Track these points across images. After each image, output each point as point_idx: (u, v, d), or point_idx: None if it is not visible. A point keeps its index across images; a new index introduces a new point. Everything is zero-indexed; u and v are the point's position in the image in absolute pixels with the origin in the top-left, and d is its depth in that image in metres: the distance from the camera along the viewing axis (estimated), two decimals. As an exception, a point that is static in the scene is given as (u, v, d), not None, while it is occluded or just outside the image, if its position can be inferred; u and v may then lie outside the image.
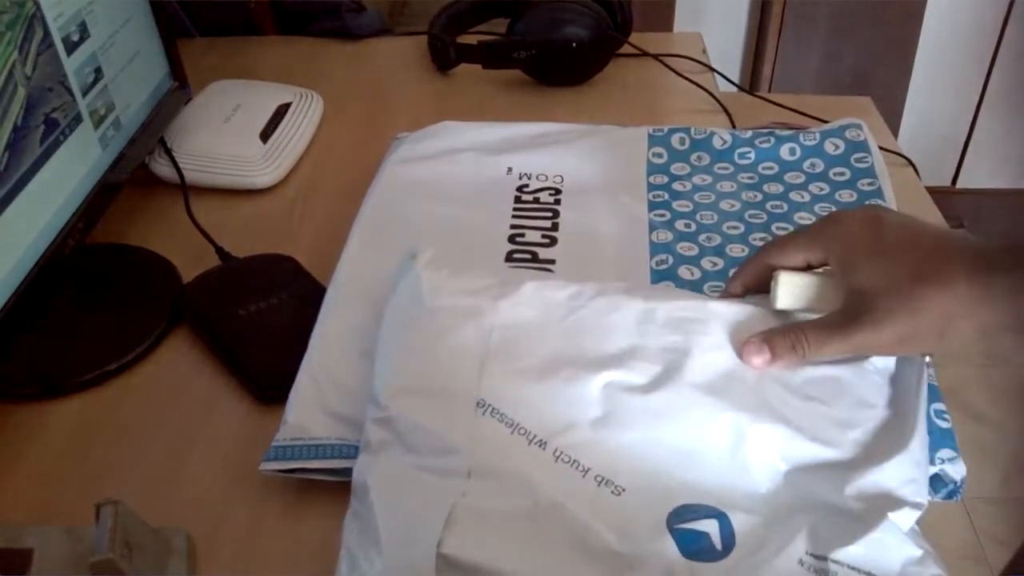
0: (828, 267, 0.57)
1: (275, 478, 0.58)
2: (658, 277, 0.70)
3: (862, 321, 0.53)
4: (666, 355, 0.56)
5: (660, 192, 0.79)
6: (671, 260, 0.71)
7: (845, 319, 0.54)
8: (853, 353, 0.55)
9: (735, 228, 0.75)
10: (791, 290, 0.57)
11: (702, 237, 0.74)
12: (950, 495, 0.57)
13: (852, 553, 0.47)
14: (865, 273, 0.54)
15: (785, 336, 0.55)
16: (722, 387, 0.55)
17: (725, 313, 0.58)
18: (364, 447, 0.54)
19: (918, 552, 0.48)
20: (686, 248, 0.73)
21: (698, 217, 0.76)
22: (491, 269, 0.69)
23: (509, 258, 0.72)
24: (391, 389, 0.55)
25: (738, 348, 0.56)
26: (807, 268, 0.58)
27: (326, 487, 0.58)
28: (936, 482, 0.57)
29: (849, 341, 0.54)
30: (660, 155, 0.83)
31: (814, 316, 0.56)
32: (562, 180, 0.81)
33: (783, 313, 0.58)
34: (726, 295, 0.61)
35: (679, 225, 0.75)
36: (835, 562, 0.47)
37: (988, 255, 0.52)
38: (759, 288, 0.60)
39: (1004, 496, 1.72)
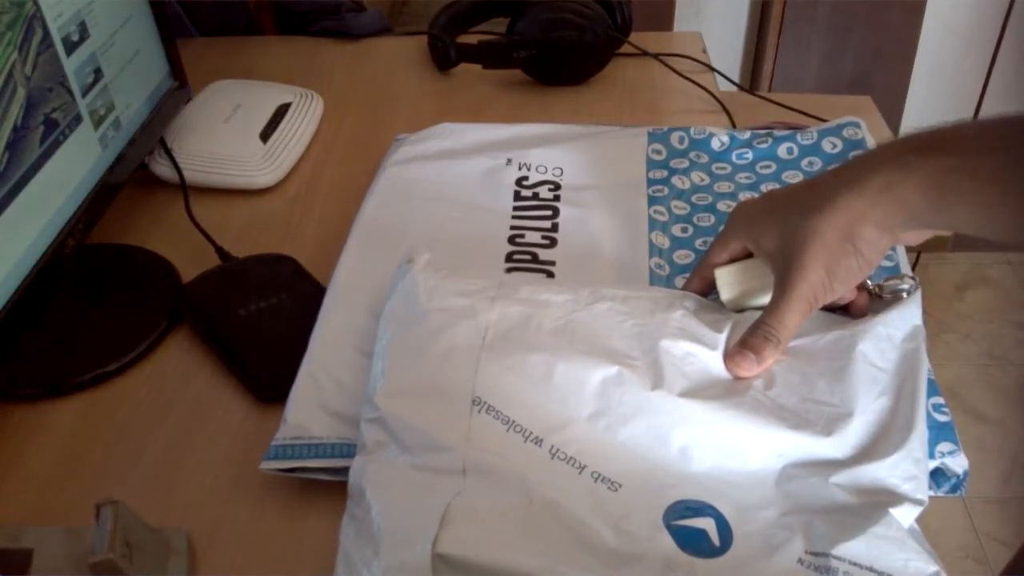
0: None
1: (275, 478, 0.59)
2: (656, 282, 0.70)
3: (791, 277, 0.56)
4: (662, 354, 0.56)
5: (660, 187, 0.79)
6: (668, 268, 0.71)
7: (781, 286, 0.56)
8: (810, 310, 0.56)
9: None
10: (727, 280, 0.61)
11: (699, 242, 0.74)
12: (953, 489, 0.57)
13: (853, 548, 0.47)
14: (768, 236, 0.58)
15: (754, 333, 0.56)
16: (718, 385, 0.55)
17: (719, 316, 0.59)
18: (360, 448, 0.54)
19: (919, 550, 0.48)
20: (682, 256, 0.73)
21: (695, 220, 0.76)
22: (491, 271, 0.69)
23: (509, 259, 0.72)
24: (386, 389, 0.55)
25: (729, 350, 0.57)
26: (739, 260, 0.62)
27: (326, 487, 0.58)
28: (938, 476, 0.57)
29: (795, 303, 0.56)
30: (659, 151, 0.83)
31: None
32: (562, 173, 0.81)
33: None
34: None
35: (675, 230, 0.75)
36: (836, 558, 0.47)
37: (860, 163, 0.56)
38: (709, 293, 0.63)
39: (1004, 496, 1.72)
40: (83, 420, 0.65)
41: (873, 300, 0.61)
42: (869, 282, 0.61)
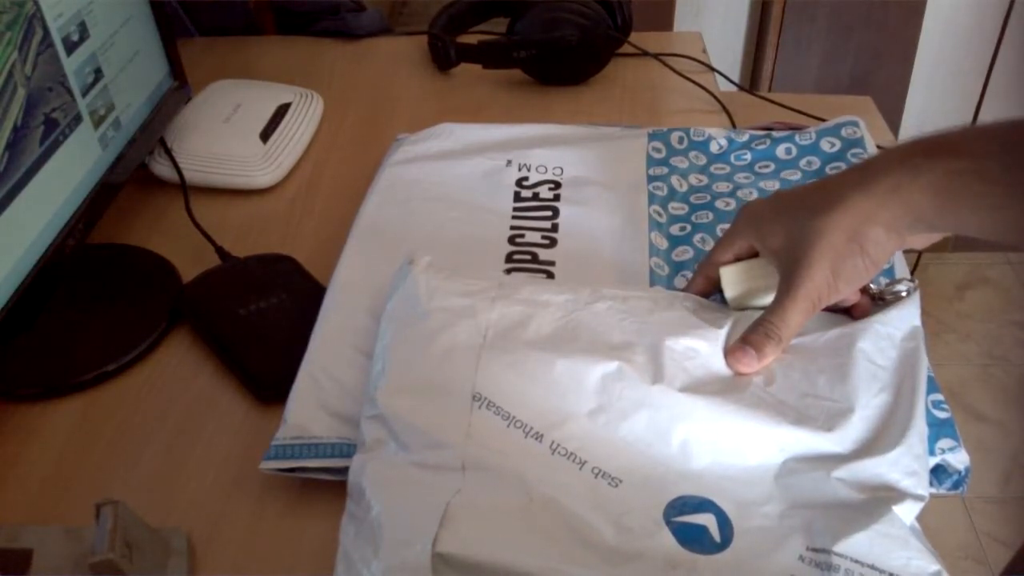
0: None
1: (275, 478, 0.59)
2: (656, 281, 0.70)
3: (796, 276, 0.56)
4: (663, 350, 0.56)
5: (659, 183, 0.79)
6: (667, 268, 0.71)
7: (786, 284, 0.57)
8: (813, 310, 0.57)
9: None
10: (732, 279, 0.61)
11: (697, 238, 0.74)
12: (955, 486, 0.57)
13: (855, 545, 0.47)
14: (775, 235, 0.58)
15: (756, 330, 0.57)
16: (718, 380, 0.55)
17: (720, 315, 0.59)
18: (359, 446, 0.54)
19: (920, 548, 0.48)
20: (681, 253, 0.73)
21: (693, 218, 0.76)
22: (491, 271, 0.69)
23: (509, 259, 0.72)
24: (386, 388, 0.55)
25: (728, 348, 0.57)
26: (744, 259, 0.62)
27: (326, 486, 0.58)
28: (940, 474, 0.57)
29: (799, 302, 0.56)
30: (659, 150, 0.83)
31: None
32: (562, 172, 0.81)
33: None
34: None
35: (674, 230, 0.75)
36: (838, 555, 0.47)
37: (869, 165, 0.56)
38: (713, 292, 0.63)
39: (1004, 496, 1.72)
40: (83, 420, 0.65)
41: (874, 304, 0.61)
42: (872, 286, 0.61)
